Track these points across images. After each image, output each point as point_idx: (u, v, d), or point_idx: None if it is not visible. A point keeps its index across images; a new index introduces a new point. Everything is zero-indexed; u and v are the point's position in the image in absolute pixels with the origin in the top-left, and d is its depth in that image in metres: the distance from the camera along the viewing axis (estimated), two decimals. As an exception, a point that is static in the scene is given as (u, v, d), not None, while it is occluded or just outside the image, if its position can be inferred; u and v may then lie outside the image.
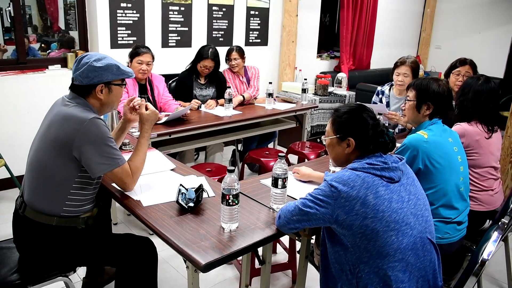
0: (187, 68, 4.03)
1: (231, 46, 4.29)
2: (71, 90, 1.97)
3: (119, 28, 4.21)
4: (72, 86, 1.96)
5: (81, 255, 1.94)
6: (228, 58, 4.23)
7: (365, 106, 1.72)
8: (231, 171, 1.70)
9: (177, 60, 4.67)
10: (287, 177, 1.90)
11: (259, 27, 5.44)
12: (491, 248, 1.52)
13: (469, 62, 3.34)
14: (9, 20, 3.87)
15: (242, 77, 4.34)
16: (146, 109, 2.18)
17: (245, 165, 4.50)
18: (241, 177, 3.89)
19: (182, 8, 4.66)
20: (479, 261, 1.49)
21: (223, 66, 4.21)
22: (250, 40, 5.39)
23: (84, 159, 1.83)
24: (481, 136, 2.48)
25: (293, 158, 3.95)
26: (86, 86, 1.92)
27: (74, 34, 4.39)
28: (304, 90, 4.50)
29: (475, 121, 2.51)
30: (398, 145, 2.10)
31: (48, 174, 1.86)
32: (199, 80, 4.05)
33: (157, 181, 2.22)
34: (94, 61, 1.89)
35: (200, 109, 3.84)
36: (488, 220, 2.56)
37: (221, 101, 4.00)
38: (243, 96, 4.18)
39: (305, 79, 4.72)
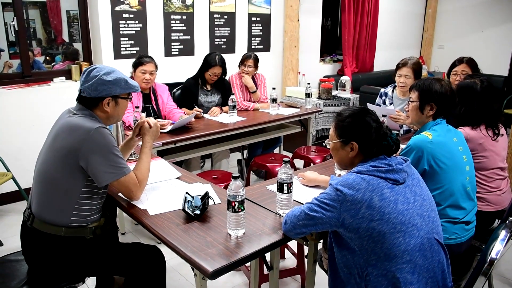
0: (193, 76, 4.06)
1: (248, 53, 4.31)
2: (78, 102, 1.99)
3: (122, 39, 4.24)
4: (79, 98, 1.98)
5: (89, 265, 1.95)
6: (242, 63, 4.25)
7: (367, 109, 1.72)
8: (236, 178, 1.70)
9: (180, 69, 4.70)
10: (292, 182, 1.90)
11: (261, 33, 5.46)
12: (499, 247, 1.52)
13: (466, 60, 3.31)
14: (14, 34, 3.92)
15: None
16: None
17: (252, 171, 4.50)
18: (247, 184, 3.89)
19: (184, 17, 4.69)
20: (488, 260, 1.48)
21: (230, 72, 4.22)
22: (253, 46, 5.41)
23: (90, 168, 1.84)
24: (485, 139, 2.44)
25: (299, 162, 3.95)
26: (94, 98, 1.94)
27: (78, 46, 4.43)
28: (307, 95, 4.50)
29: (482, 126, 2.46)
30: (403, 146, 2.10)
31: (55, 185, 1.88)
32: (204, 87, 4.06)
33: (163, 189, 2.22)
34: (104, 75, 1.91)
35: (204, 116, 3.85)
36: (497, 220, 2.55)
37: (225, 108, 4.02)
38: (255, 91, 4.29)
39: (309, 84, 4.72)
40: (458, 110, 2.45)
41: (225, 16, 5.06)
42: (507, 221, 1.65)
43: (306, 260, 2.37)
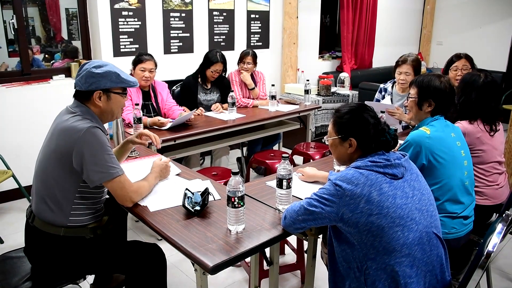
0: (192, 74, 4.06)
1: (246, 50, 4.32)
2: (75, 98, 1.97)
3: (121, 36, 4.25)
4: (75, 93, 1.97)
5: (90, 263, 1.95)
6: (241, 61, 4.26)
7: (365, 106, 1.73)
8: (236, 173, 1.71)
9: (179, 66, 4.71)
10: (291, 178, 1.91)
11: (260, 30, 5.47)
12: (496, 240, 1.53)
13: (464, 55, 3.34)
14: (13, 32, 3.92)
15: None
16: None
17: (252, 169, 4.51)
18: (247, 180, 3.90)
19: (183, 14, 4.69)
20: (485, 253, 1.50)
21: (229, 69, 4.23)
22: (252, 44, 5.41)
23: (83, 169, 1.81)
24: (482, 133, 2.46)
25: (298, 159, 3.96)
26: (85, 92, 1.91)
27: (77, 43, 4.44)
28: (307, 91, 4.50)
29: (478, 120, 2.48)
30: (401, 142, 2.12)
31: (51, 185, 1.87)
32: (204, 85, 4.07)
33: (163, 186, 2.23)
34: (94, 68, 1.88)
35: (204, 113, 3.86)
36: (494, 214, 2.56)
37: (225, 105, 4.02)
38: (254, 88, 4.30)
39: (308, 80, 4.73)
40: (457, 100, 2.46)
41: (224, 14, 5.06)
42: (504, 215, 1.66)
43: (305, 255, 2.39)
